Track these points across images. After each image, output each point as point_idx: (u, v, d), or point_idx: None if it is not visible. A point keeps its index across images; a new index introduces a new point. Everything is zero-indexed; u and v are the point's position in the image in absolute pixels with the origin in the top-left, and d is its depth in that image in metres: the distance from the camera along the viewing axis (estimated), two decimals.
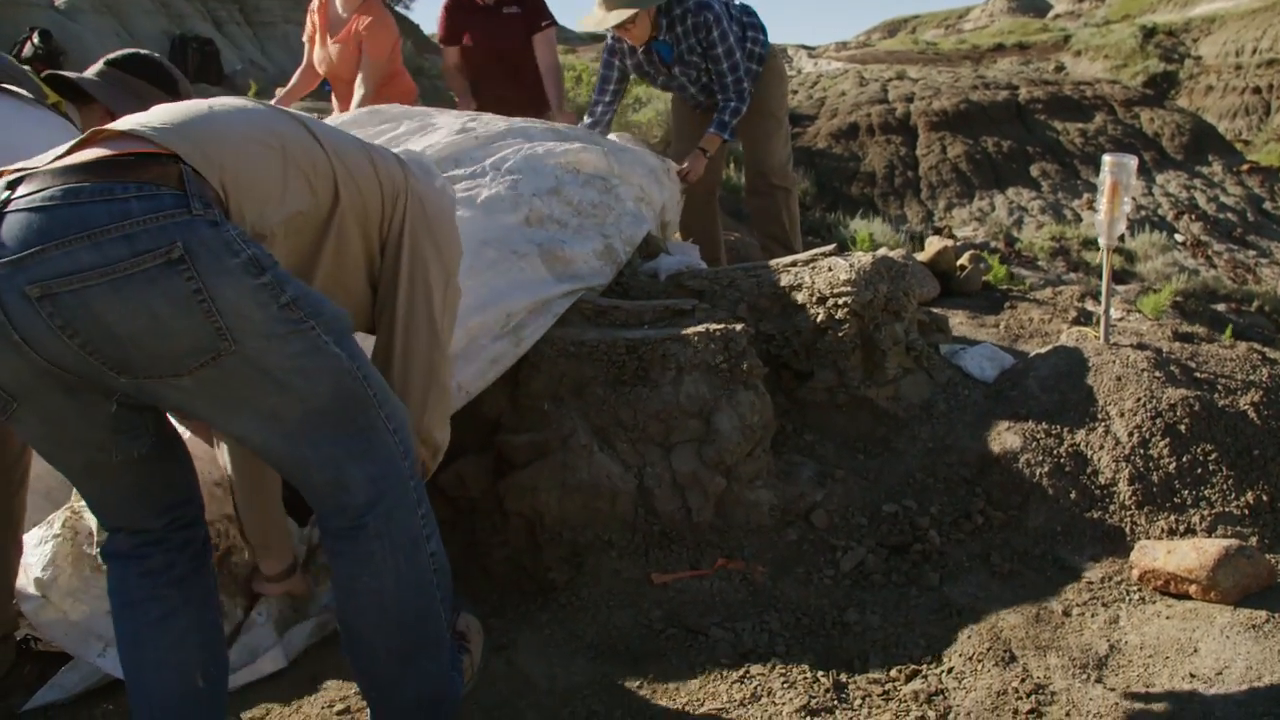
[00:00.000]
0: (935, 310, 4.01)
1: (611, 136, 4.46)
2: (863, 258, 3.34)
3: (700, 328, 2.93)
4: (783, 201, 5.16)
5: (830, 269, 3.28)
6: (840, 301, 3.17)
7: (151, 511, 1.91)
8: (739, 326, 2.96)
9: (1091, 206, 15.07)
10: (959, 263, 5.50)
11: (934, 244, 5.58)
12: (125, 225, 1.51)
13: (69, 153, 1.61)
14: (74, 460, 1.81)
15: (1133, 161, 3.30)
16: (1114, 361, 3.17)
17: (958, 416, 3.20)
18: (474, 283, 2.56)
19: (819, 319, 3.19)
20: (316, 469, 1.81)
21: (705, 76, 4.74)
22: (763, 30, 4.94)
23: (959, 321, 4.67)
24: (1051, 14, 43.75)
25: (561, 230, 3.21)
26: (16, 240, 1.49)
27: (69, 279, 1.49)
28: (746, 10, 4.93)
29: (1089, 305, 5.14)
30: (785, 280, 3.32)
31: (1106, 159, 3.31)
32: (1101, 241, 3.36)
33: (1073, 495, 2.88)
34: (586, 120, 4.93)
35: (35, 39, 11.75)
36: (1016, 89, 18.88)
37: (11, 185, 1.55)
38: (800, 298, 3.25)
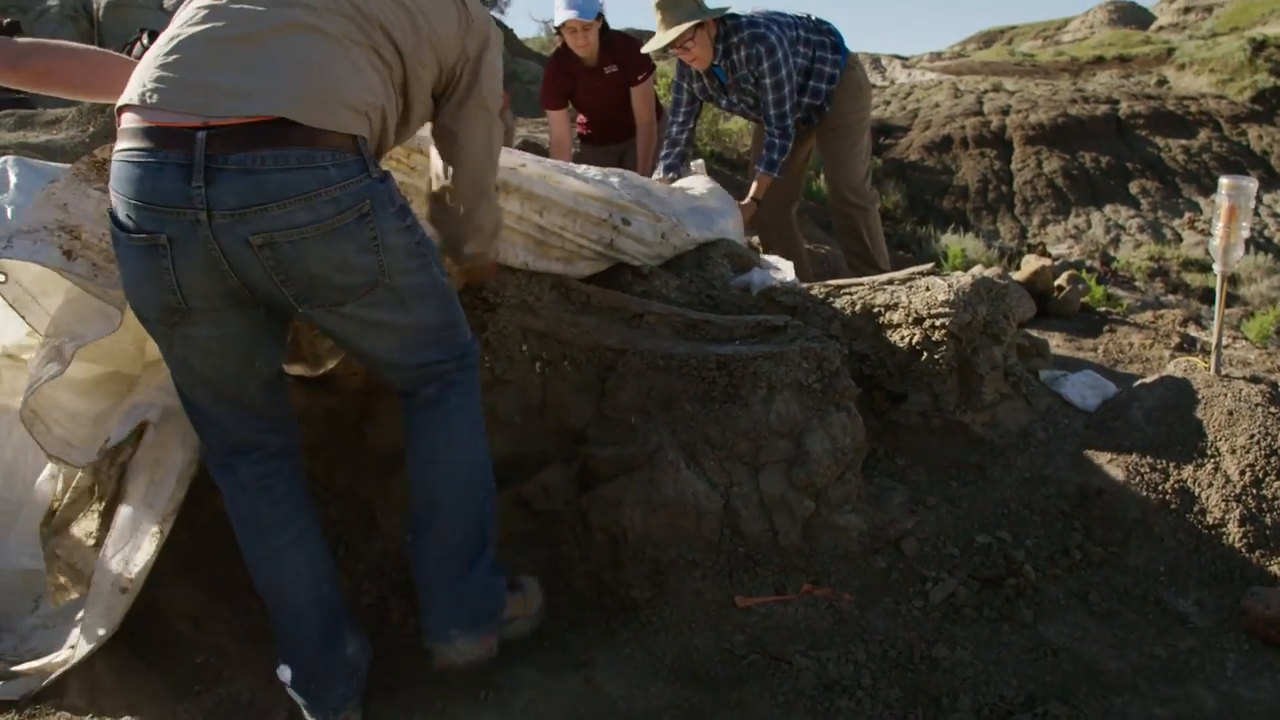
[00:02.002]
0: (1034, 333, 3.89)
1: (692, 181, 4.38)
2: (961, 278, 3.25)
3: (793, 345, 2.86)
4: (860, 219, 5.09)
5: (928, 289, 3.20)
6: (937, 323, 3.08)
7: (272, 429, 2.22)
8: (833, 345, 2.90)
9: (1193, 226, 14.62)
10: (1057, 283, 5.35)
11: (1031, 263, 5.43)
12: (330, 190, 1.88)
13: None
14: (228, 365, 2.06)
15: (1252, 185, 3.16)
16: (1225, 395, 3.03)
17: (1057, 446, 3.09)
18: None
19: (915, 340, 3.10)
20: (418, 359, 2.21)
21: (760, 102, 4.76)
22: (837, 48, 4.89)
23: (1056, 344, 4.54)
24: (1155, 26, 42.51)
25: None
26: (236, 197, 1.81)
27: (289, 232, 1.85)
28: (821, 26, 4.91)
29: (1192, 330, 4.96)
30: (881, 299, 3.23)
31: (1224, 181, 3.17)
32: (1216, 268, 3.22)
33: (1178, 534, 2.76)
34: (665, 145, 4.97)
35: (144, 39, 12.37)
36: (1117, 103, 18.43)
37: (210, 141, 1.80)
38: (896, 317, 3.17)
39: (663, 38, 4.54)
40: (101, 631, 2.37)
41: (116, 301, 2.16)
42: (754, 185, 4.79)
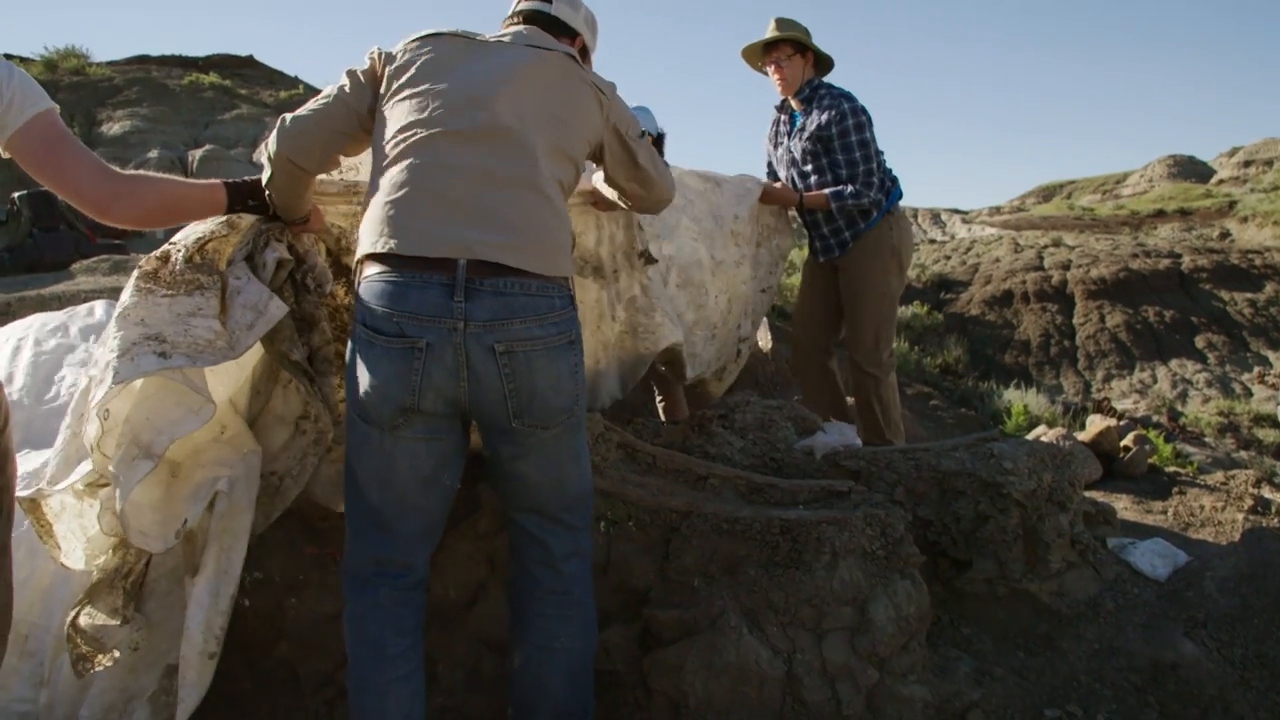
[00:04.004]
0: (1100, 499, 3.85)
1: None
2: (1026, 444, 3.25)
3: (857, 511, 2.88)
4: (871, 388, 4.79)
5: (992, 455, 3.20)
6: (1002, 490, 3.08)
7: (426, 552, 2.43)
8: (897, 511, 2.90)
9: (1263, 380, 14.38)
10: (1123, 444, 5.29)
11: (1096, 423, 5.39)
12: (554, 315, 2.27)
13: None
14: (425, 470, 2.32)
15: None
16: None
17: (1127, 617, 3.03)
18: None
19: (980, 507, 3.10)
20: (563, 537, 2.44)
21: (809, 163, 4.67)
22: (889, 187, 4.75)
23: (1123, 507, 4.47)
24: (1215, 179, 42.59)
25: None
26: (488, 312, 2.19)
27: (525, 343, 2.22)
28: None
29: (1266, 492, 4.85)
30: (945, 464, 3.24)
31: None
32: None
33: (1259, 713, 2.67)
34: None
35: None
36: (1179, 257, 18.40)
37: (468, 267, 2.19)
38: (960, 484, 3.17)
39: (765, 38, 4.65)
40: (197, 698, 2.46)
41: (205, 393, 2.36)
42: (811, 196, 4.61)
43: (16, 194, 11.73)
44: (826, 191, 4.56)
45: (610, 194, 3.00)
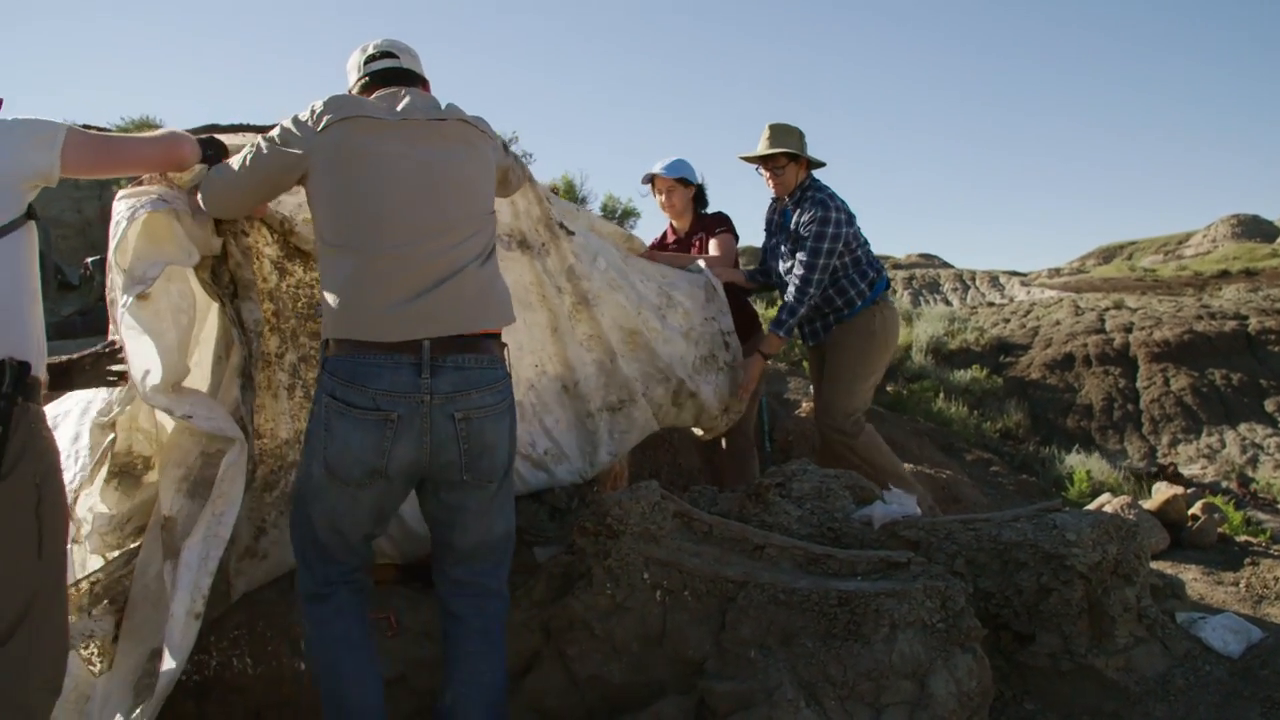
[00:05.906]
0: (1168, 570, 3.76)
1: None
2: (1090, 515, 3.19)
3: (916, 583, 2.83)
4: (841, 449, 4.91)
5: (1055, 526, 3.15)
6: (1066, 562, 3.02)
7: (366, 566, 2.78)
8: (957, 584, 2.86)
9: None
10: (1191, 512, 5.16)
11: (1162, 491, 5.27)
12: (500, 384, 2.67)
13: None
14: (374, 516, 2.66)
15: None
16: None
17: (1199, 695, 2.93)
18: None
19: (1043, 579, 3.04)
20: (489, 577, 2.78)
21: (790, 259, 4.89)
22: (874, 282, 4.97)
23: (1193, 578, 4.35)
24: None
25: None
26: (451, 385, 2.56)
27: (480, 410, 2.61)
28: (875, 256, 5.06)
29: None
30: (1006, 536, 3.19)
31: None
32: None
33: None
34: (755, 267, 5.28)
35: None
36: (1246, 319, 18.04)
37: (432, 347, 2.54)
38: (1022, 556, 3.11)
39: (760, 149, 4.92)
40: (181, 659, 2.64)
41: (198, 241, 2.86)
42: (764, 340, 4.84)
43: (90, 259, 12.05)
44: (776, 332, 4.80)
45: None
